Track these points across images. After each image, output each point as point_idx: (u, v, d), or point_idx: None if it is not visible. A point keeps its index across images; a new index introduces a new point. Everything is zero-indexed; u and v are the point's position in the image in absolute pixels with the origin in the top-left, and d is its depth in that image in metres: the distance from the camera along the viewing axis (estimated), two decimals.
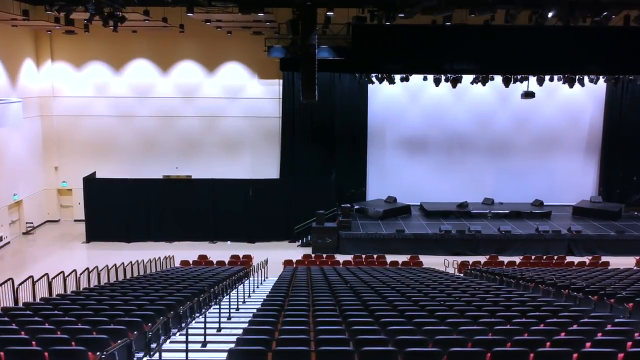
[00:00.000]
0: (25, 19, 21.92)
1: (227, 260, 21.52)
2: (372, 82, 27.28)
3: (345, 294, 11.80)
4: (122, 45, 28.03)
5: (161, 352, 7.44)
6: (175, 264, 21.58)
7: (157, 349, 7.54)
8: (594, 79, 26.09)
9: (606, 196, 29.39)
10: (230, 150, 29.36)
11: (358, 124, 29.15)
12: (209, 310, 12.03)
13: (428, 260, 22.24)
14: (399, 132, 29.68)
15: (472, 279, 16.63)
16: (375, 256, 22.50)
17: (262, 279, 18.21)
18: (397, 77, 26.38)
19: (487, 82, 26.20)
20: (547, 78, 25.68)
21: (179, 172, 29.21)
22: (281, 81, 28.53)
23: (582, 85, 25.95)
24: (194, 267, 19.68)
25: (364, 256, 22.63)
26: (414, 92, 29.04)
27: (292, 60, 24.39)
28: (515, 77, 25.36)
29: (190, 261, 21.08)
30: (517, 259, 22.25)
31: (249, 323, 8.54)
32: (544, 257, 22.42)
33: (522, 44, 22.29)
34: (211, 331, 9.79)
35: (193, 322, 10.76)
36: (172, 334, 9.66)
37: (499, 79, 25.74)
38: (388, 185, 29.45)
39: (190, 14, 20.66)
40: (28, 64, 27.58)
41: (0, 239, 24.84)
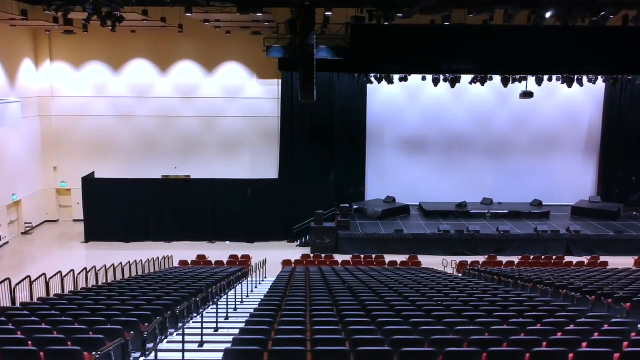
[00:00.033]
0: (23, 18, 21.90)
1: (225, 260, 21.52)
2: (370, 82, 27.28)
3: (343, 294, 11.80)
4: (121, 45, 28.03)
5: (157, 352, 7.43)
6: (174, 264, 21.58)
7: (153, 348, 7.54)
8: (593, 79, 26.10)
9: (605, 196, 29.40)
10: (229, 150, 29.36)
11: (357, 124, 29.13)
12: (207, 310, 12.04)
13: (427, 261, 22.24)
14: (397, 132, 29.67)
15: (471, 279, 16.63)
16: (374, 256, 22.49)
17: (261, 279, 18.23)
18: (395, 77, 26.39)
19: (485, 82, 26.25)
20: (546, 78, 25.69)
21: (178, 172, 29.21)
22: (280, 81, 28.52)
23: (580, 85, 25.95)
24: (193, 267, 19.67)
25: (362, 256, 22.61)
26: (412, 92, 29.04)
27: (291, 60, 24.36)
28: (514, 77, 25.40)
29: (189, 261, 21.10)
30: (515, 259, 22.24)
31: (245, 323, 8.54)
32: (543, 257, 22.42)
33: (521, 44, 22.31)
34: (209, 331, 9.79)
35: (191, 322, 10.76)
36: (170, 334, 9.65)
37: (497, 79, 25.77)
38: (387, 185, 29.45)
39: (188, 14, 20.64)
40: (27, 64, 27.58)
41: None
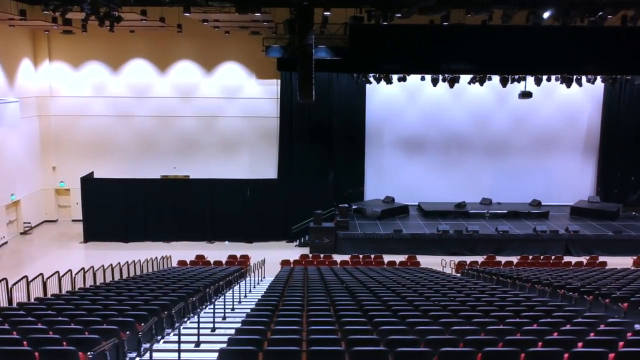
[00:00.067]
0: (22, 18, 21.86)
1: (224, 261, 21.51)
2: (369, 82, 27.24)
3: (341, 294, 11.80)
4: (119, 45, 28.02)
5: (152, 352, 7.42)
6: (173, 264, 21.58)
7: (149, 349, 7.53)
8: (592, 79, 26.09)
9: (604, 196, 29.40)
10: (228, 150, 29.34)
11: (356, 124, 29.12)
12: (204, 310, 12.04)
13: (425, 260, 22.22)
14: (396, 132, 29.66)
15: (469, 279, 16.62)
16: (372, 256, 22.47)
17: (259, 279, 18.22)
18: (394, 77, 26.36)
19: (484, 82, 26.25)
20: (545, 78, 25.67)
21: (177, 172, 29.20)
22: (279, 81, 28.51)
23: (579, 85, 25.94)
24: (191, 267, 19.67)
25: (361, 256, 22.59)
26: (411, 92, 29.03)
27: (290, 60, 24.32)
28: (512, 77, 25.37)
29: (188, 261, 21.09)
30: (514, 259, 22.23)
31: (241, 323, 8.54)
32: (542, 257, 22.40)
33: (520, 43, 22.31)
34: (206, 331, 9.79)
35: (188, 322, 10.75)
36: (167, 334, 9.65)
37: (496, 79, 25.77)
38: (386, 185, 29.44)
39: (187, 14, 20.62)
40: (26, 64, 27.57)
41: None
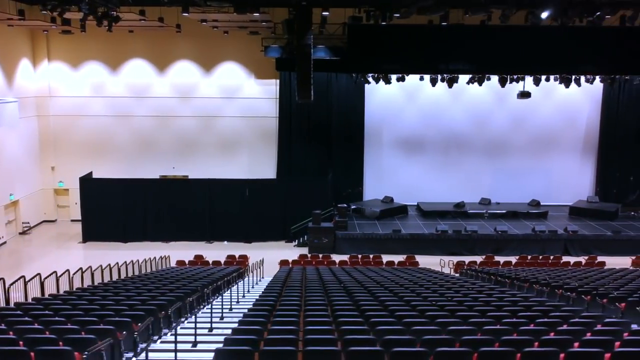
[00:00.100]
0: (21, 18, 21.83)
1: (223, 261, 21.51)
2: (368, 82, 27.21)
3: (338, 294, 11.79)
4: (118, 45, 28.00)
5: (147, 352, 7.42)
6: (171, 264, 21.58)
7: (145, 348, 7.53)
8: (590, 79, 26.06)
9: (603, 196, 29.38)
10: (227, 150, 29.34)
11: (355, 124, 29.11)
12: (202, 310, 12.03)
13: (424, 261, 22.22)
14: (395, 132, 29.65)
15: (467, 279, 16.62)
16: (371, 256, 22.47)
17: (258, 279, 18.22)
18: (393, 77, 26.34)
19: (483, 82, 26.22)
20: (544, 78, 25.67)
21: (176, 172, 29.19)
22: (278, 81, 28.50)
23: (578, 85, 25.95)
24: (189, 267, 19.67)
25: (360, 256, 22.60)
26: (410, 92, 29.03)
27: (288, 60, 24.32)
28: (511, 77, 25.38)
29: (186, 261, 21.08)
30: (513, 259, 22.23)
31: (238, 323, 8.53)
32: (540, 257, 22.40)
33: (518, 43, 22.32)
34: (203, 331, 9.78)
35: (185, 322, 10.75)
36: (164, 334, 9.65)
37: (495, 79, 25.77)
38: (385, 185, 29.43)
39: (185, 14, 20.61)
40: (24, 64, 27.56)
41: None
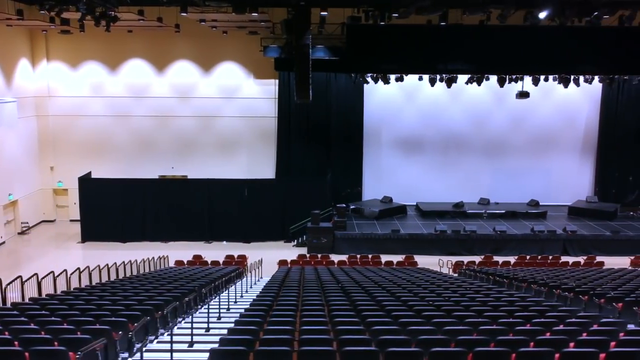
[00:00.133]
0: (19, 18, 21.81)
1: (221, 261, 21.51)
2: (366, 82, 27.19)
3: (335, 294, 11.79)
4: (117, 45, 28.00)
5: (142, 353, 7.41)
6: (170, 264, 21.57)
7: (139, 349, 7.53)
8: (589, 79, 26.02)
9: (602, 196, 29.36)
10: (226, 150, 29.33)
11: (354, 123, 29.10)
12: (200, 310, 12.03)
13: (423, 260, 22.23)
14: (394, 132, 29.64)
15: (465, 279, 16.62)
16: (370, 256, 22.46)
17: (256, 279, 18.22)
18: (392, 77, 26.30)
19: (482, 82, 26.18)
20: (542, 78, 25.65)
21: (175, 172, 29.18)
22: (277, 81, 28.48)
23: (577, 85, 25.94)
24: (188, 267, 19.66)
25: (358, 256, 22.59)
26: (409, 92, 29.02)
27: (287, 60, 24.29)
28: (510, 77, 25.36)
29: (185, 261, 21.09)
30: (512, 259, 22.23)
31: (234, 323, 8.53)
32: (539, 257, 22.40)
33: (517, 43, 22.29)
34: (200, 331, 9.78)
35: (182, 322, 10.74)
36: (160, 334, 9.64)
37: (494, 79, 25.76)
38: (384, 185, 29.43)
39: (184, 14, 20.59)
40: (23, 64, 27.56)
41: None
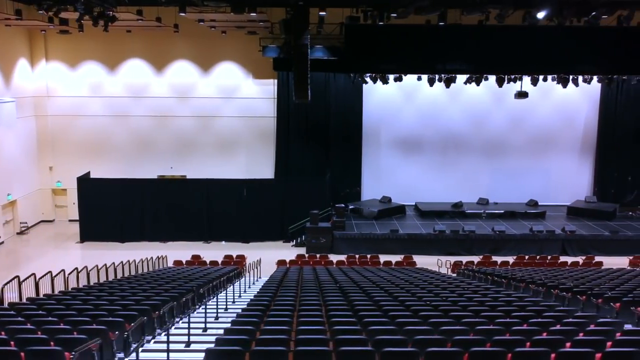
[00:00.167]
0: (18, 18, 21.80)
1: (220, 261, 21.51)
2: (365, 82, 27.20)
3: (333, 294, 11.79)
4: (116, 45, 27.99)
5: (138, 353, 7.41)
6: (169, 264, 21.56)
7: (135, 349, 7.52)
8: (588, 79, 26.01)
9: (601, 196, 29.35)
10: (225, 150, 29.32)
11: (353, 124, 29.09)
12: (197, 310, 12.02)
13: (422, 260, 22.23)
14: (393, 132, 29.63)
15: (463, 279, 16.62)
16: (368, 256, 22.45)
17: (255, 279, 18.21)
18: (390, 77, 26.28)
19: (481, 82, 26.17)
20: (541, 78, 25.64)
21: (174, 172, 29.18)
22: (276, 81, 28.48)
23: (576, 85, 25.94)
24: (186, 267, 19.66)
25: (357, 256, 22.58)
26: (408, 92, 29.01)
27: (286, 60, 24.25)
28: (509, 77, 25.34)
29: (184, 261, 21.08)
30: (510, 259, 22.23)
31: (231, 323, 8.52)
32: (538, 257, 22.40)
33: (516, 43, 22.29)
34: (197, 331, 9.78)
35: (180, 322, 10.74)
36: (157, 334, 9.64)
37: (493, 79, 25.73)
38: (383, 185, 29.42)
39: (182, 14, 20.60)
40: (22, 64, 27.55)
41: None
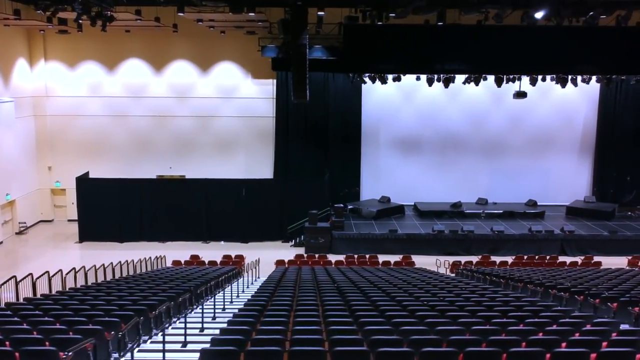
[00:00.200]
0: (17, 18, 21.80)
1: (219, 261, 21.50)
2: (364, 82, 27.21)
3: (331, 294, 11.79)
4: (115, 44, 27.99)
5: (133, 352, 7.40)
6: (167, 264, 21.56)
7: (130, 349, 7.52)
8: (587, 79, 26.00)
9: (600, 196, 29.33)
10: (224, 150, 29.31)
11: (352, 123, 29.07)
12: (195, 310, 12.02)
13: (420, 260, 22.23)
14: (392, 132, 29.62)
15: (461, 279, 16.61)
16: (367, 256, 22.44)
17: (253, 279, 18.21)
18: (389, 77, 26.27)
19: (479, 82, 26.14)
20: (540, 78, 25.62)
21: (173, 172, 29.16)
22: (275, 81, 28.47)
23: (575, 85, 25.93)
24: (185, 267, 19.65)
25: (356, 256, 22.58)
26: (407, 92, 29.00)
27: (284, 60, 24.22)
28: (507, 77, 25.31)
29: (182, 261, 21.06)
30: (509, 259, 22.22)
31: (227, 323, 8.52)
32: (536, 257, 22.39)
33: (515, 43, 22.30)
34: (194, 331, 9.77)
35: (177, 322, 10.73)
36: (154, 334, 9.63)
37: (492, 79, 25.66)
38: (382, 185, 29.40)
39: (181, 14, 20.59)
40: (21, 64, 27.54)
41: None
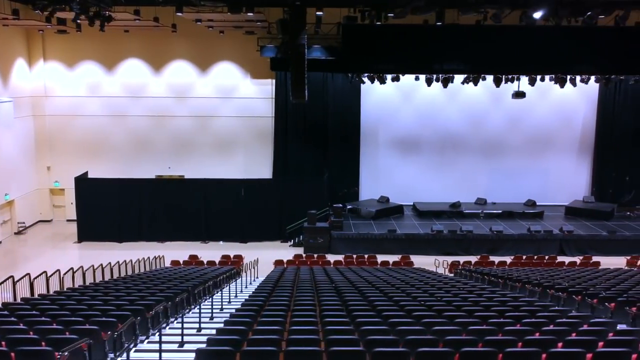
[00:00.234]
0: (15, 18, 21.78)
1: (218, 261, 21.50)
2: (363, 82, 27.21)
3: (329, 294, 11.78)
4: (114, 44, 27.98)
5: (128, 352, 7.40)
6: (166, 263, 21.56)
7: (125, 349, 7.51)
8: (585, 79, 25.98)
9: (599, 196, 29.31)
10: (223, 150, 29.31)
11: (351, 123, 29.07)
12: (192, 310, 12.02)
13: (419, 260, 22.22)
14: (391, 132, 29.62)
15: (460, 279, 16.61)
16: (366, 256, 22.44)
17: (252, 279, 18.22)
18: (388, 77, 26.27)
19: (478, 82, 26.12)
20: (539, 78, 25.61)
21: (172, 172, 29.16)
22: (274, 81, 28.48)
23: (573, 85, 25.91)
24: (183, 267, 19.65)
25: (355, 256, 22.57)
26: (406, 92, 29.00)
27: (283, 60, 24.22)
28: (506, 77, 25.31)
29: (181, 261, 21.07)
30: (508, 259, 22.20)
31: (224, 323, 8.52)
32: (535, 258, 22.38)
33: (513, 43, 22.32)
34: (191, 331, 9.77)
35: (174, 322, 10.74)
36: (152, 334, 9.63)
37: (490, 79, 25.66)
38: (381, 185, 29.40)
39: (179, 14, 20.58)
40: (20, 64, 27.53)
41: None
